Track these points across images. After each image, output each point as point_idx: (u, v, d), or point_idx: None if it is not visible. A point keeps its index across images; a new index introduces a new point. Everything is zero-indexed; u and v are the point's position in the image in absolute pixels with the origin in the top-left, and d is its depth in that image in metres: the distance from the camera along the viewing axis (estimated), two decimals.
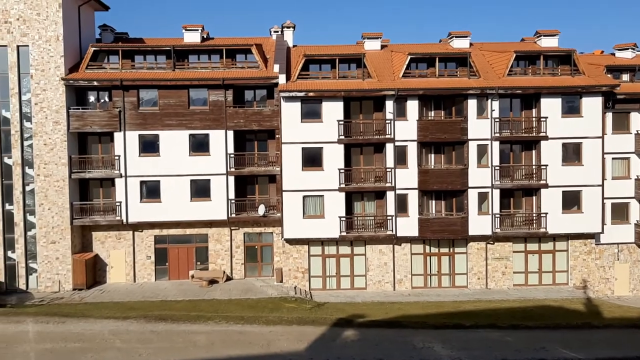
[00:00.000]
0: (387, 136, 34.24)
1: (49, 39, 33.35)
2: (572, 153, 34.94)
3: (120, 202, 34.48)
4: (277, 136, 34.93)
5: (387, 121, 34.25)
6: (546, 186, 34.67)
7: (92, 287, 34.25)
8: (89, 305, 30.61)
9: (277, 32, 40.23)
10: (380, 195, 35.22)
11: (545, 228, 34.76)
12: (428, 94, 34.51)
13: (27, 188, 33.87)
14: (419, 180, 34.43)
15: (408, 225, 34.52)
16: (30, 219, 33.92)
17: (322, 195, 34.32)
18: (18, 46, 33.36)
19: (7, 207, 33.82)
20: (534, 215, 35.13)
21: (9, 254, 33.93)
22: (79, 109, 34.21)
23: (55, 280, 33.84)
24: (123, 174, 34.44)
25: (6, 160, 33.76)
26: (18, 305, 30.73)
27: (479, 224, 34.67)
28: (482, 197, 34.73)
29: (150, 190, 34.80)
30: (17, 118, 33.54)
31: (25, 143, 33.73)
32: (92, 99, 35.29)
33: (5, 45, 33.32)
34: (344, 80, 35.23)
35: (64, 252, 33.82)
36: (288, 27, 39.82)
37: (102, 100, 35.24)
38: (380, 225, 34.72)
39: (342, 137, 34.07)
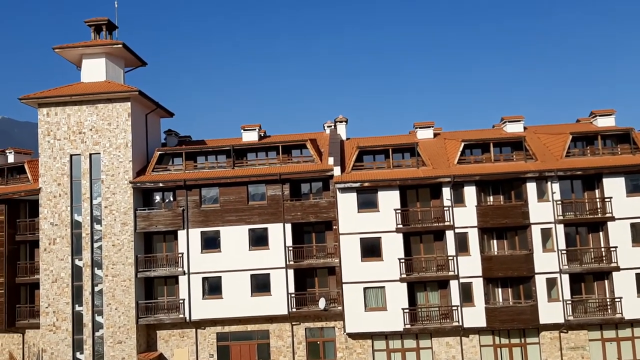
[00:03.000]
0: (446, 223, 33.92)
1: (119, 146, 35.58)
2: None
3: (184, 300, 34.98)
4: (334, 227, 35.17)
5: (445, 208, 34.06)
6: (618, 269, 33.06)
7: None
8: None
9: (331, 126, 41.57)
10: (443, 284, 34.40)
11: (622, 313, 32.79)
12: (485, 179, 34.33)
13: (96, 289, 34.95)
14: (483, 267, 33.55)
15: (475, 315, 33.30)
16: (98, 319, 34.73)
17: (383, 287, 33.82)
18: (90, 154, 35.70)
19: (77, 308, 34.85)
20: (608, 300, 33.31)
21: (77, 355, 34.54)
22: (145, 209, 35.74)
23: None
24: (186, 271, 35.17)
25: (77, 262, 35.18)
26: None
27: (550, 311, 33.08)
28: (551, 283, 33.34)
29: (212, 287, 35.24)
30: (88, 221, 35.27)
31: (95, 245, 35.21)
32: (157, 199, 36.87)
33: (79, 154, 35.73)
34: (399, 169, 35.62)
35: (130, 352, 34.15)
36: (341, 121, 41.14)
37: (167, 200, 36.76)
38: (445, 316, 33.64)
39: (400, 226, 33.97)
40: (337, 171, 34.99)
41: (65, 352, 34.46)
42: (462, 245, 33.87)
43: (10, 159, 41.32)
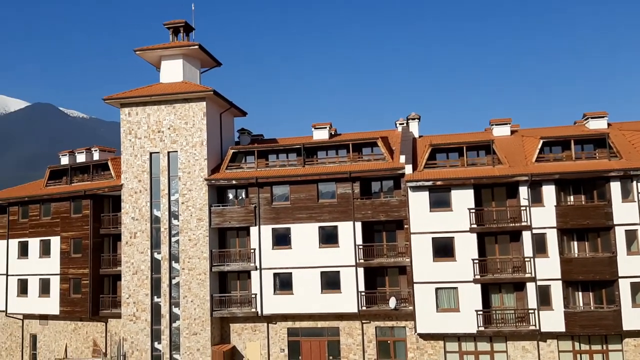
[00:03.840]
0: (523, 223, 32.70)
1: (195, 144, 36.74)
2: None
3: (256, 294, 35.68)
4: (405, 226, 34.72)
5: (522, 208, 32.85)
6: None
7: None
8: None
9: (403, 124, 41.06)
10: (519, 286, 33.20)
11: None
12: (565, 178, 32.81)
13: (173, 281, 36.28)
14: (562, 270, 32.11)
15: (553, 319, 31.93)
16: (175, 310, 36.03)
17: (455, 287, 33.07)
18: (168, 152, 37.07)
19: (155, 299, 36.32)
20: None
21: (156, 344, 36.01)
22: (219, 206, 36.72)
23: None
24: (258, 267, 35.85)
25: (156, 255, 36.66)
26: None
27: (635, 317, 31.21)
28: (636, 288, 31.44)
29: (283, 282, 35.72)
30: (167, 216, 36.67)
31: (173, 239, 36.54)
32: (230, 196, 37.80)
33: (158, 152, 37.19)
34: (473, 168, 34.69)
35: (204, 344, 35.23)
36: (413, 119, 40.55)
37: (240, 197, 37.61)
38: (521, 320, 32.46)
39: (474, 226, 33.08)
40: (408, 169, 34.52)
41: (144, 342, 36.03)
42: (539, 246, 32.55)
43: (96, 156, 43.58)
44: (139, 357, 35.99)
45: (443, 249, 33.44)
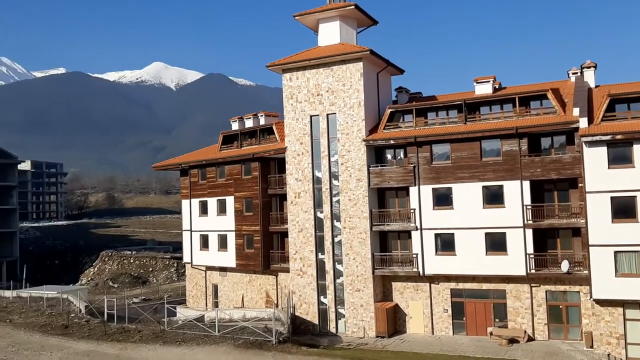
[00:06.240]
0: None
1: (352, 106, 37.07)
2: None
3: (417, 254, 35.61)
4: (579, 185, 31.99)
5: None
6: None
7: (393, 336, 35.71)
8: (390, 353, 31.94)
9: (576, 74, 37.42)
10: None
11: None
12: None
13: (336, 239, 37.53)
14: None
15: None
16: (339, 267, 37.36)
17: (638, 251, 29.94)
18: (327, 114, 37.90)
19: (320, 256, 37.95)
20: None
21: (322, 299, 37.81)
22: (377, 166, 36.91)
23: (360, 326, 36.35)
24: (418, 227, 35.62)
25: (319, 214, 38.12)
26: (329, 347, 33.76)
27: None
28: None
29: (445, 243, 35.15)
30: (327, 177, 37.80)
31: (334, 199, 37.64)
32: (389, 156, 37.76)
33: (318, 115, 38.20)
34: None
35: (367, 300, 36.20)
36: (588, 68, 36.75)
37: (398, 157, 37.40)
38: None
39: None
40: (583, 123, 31.50)
41: (311, 295, 38.01)
42: None
43: (262, 121, 46.06)
44: (306, 309, 38.12)
45: (623, 209, 30.32)
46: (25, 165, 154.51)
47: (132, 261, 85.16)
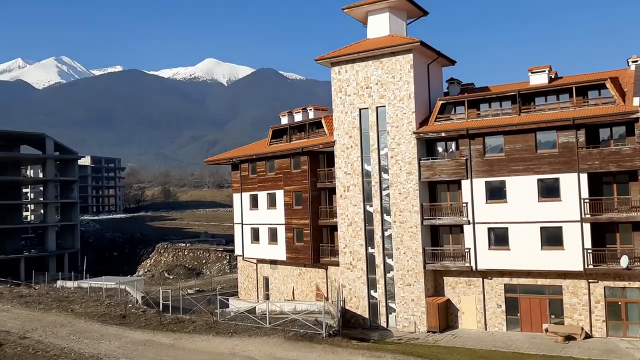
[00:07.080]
0: None
1: (402, 98, 36.64)
2: None
3: (469, 249, 34.97)
4: None
5: None
6: None
7: (444, 331, 35.24)
8: (442, 348, 31.52)
9: (636, 61, 35.73)
10: None
11: None
12: None
13: (386, 233, 37.29)
14: None
15: None
16: (389, 261, 37.13)
17: None
18: (377, 107, 37.61)
19: (369, 250, 37.82)
20: None
21: (372, 292, 37.70)
22: (428, 159, 36.40)
23: (411, 320, 36.05)
24: (471, 221, 34.95)
25: (368, 208, 37.96)
26: (379, 341, 33.64)
27: None
28: None
29: (499, 237, 34.37)
30: (377, 170, 37.56)
31: (383, 193, 37.38)
32: (440, 149, 37.16)
33: (367, 108, 37.96)
34: None
35: (418, 295, 35.84)
36: None
37: (450, 150, 36.76)
38: None
39: None
40: None
41: (361, 289, 37.95)
42: None
43: (311, 115, 46.18)
44: (357, 303, 38.10)
45: None
46: (85, 161, 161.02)
47: (186, 253, 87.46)
